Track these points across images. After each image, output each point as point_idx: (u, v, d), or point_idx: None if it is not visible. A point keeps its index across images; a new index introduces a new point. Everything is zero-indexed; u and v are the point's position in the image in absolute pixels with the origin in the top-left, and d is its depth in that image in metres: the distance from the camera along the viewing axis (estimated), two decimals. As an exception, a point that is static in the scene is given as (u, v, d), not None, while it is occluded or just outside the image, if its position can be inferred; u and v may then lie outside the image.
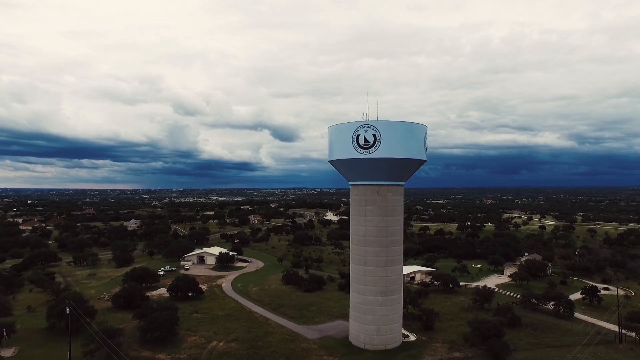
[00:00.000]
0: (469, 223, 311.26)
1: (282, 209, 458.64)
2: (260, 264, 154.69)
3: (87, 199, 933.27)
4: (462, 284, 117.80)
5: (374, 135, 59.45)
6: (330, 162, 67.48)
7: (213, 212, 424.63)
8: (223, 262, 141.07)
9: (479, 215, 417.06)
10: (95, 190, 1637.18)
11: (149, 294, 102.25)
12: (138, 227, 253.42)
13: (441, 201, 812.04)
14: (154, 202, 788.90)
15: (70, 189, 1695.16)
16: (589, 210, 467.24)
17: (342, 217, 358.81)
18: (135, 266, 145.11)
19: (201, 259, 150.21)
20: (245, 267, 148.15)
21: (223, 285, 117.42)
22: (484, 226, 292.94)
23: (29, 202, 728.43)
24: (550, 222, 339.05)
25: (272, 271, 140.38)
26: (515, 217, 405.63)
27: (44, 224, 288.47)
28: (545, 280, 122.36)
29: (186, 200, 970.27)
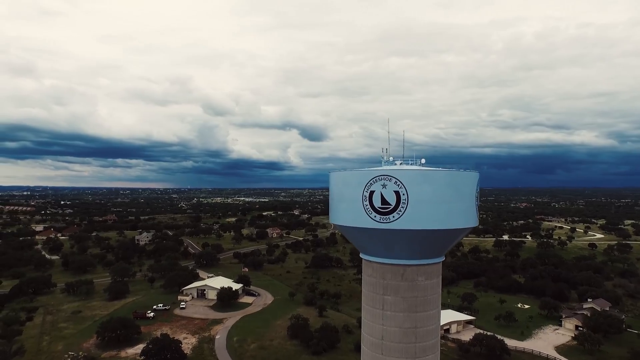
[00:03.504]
0: (506, 238, 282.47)
1: (305, 216, 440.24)
2: (269, 299, 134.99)
3: (119, 199, 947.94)
4: (511, 344, 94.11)
5: (397, 194, 37.86)
6: (334, 224, 46.28)
7: (235, 219, 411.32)
8: (225, 300, 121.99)
9: (515, 224, 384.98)
10: (128, 189, 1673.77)
11: (123, 354, 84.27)
12: (150, 241, 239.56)
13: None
14: (181, 204, 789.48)
15: (105, 188, 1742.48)
16: (637, 216, 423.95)
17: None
18: (127, 301, 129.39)
19: (202, 293, 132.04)
20: (252, 303, 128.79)
21: (217, 337, 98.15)
22: (524, 242, 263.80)
23: (62, 202, 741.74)
24: (599, 235, 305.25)
25: (281, 311, 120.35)
26: (556, 226, 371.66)
27: (59, 234, 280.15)
28: (623, 342, 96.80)
29: (213, 201, 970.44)
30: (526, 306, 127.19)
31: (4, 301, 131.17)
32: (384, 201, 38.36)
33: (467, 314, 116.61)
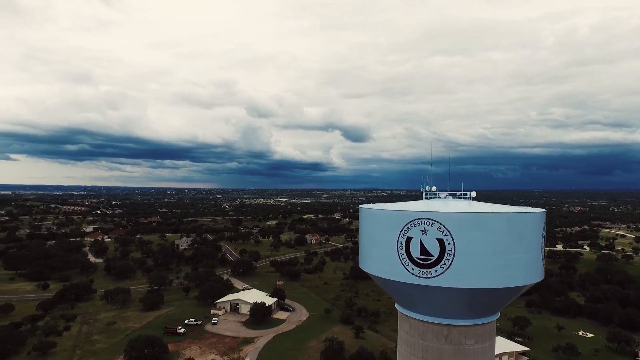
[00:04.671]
0: (560, 247, 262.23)
1: (347, 220, 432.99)
2: (304, 315, 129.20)
3: (166, 199, 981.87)
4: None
5: (441, 242, 30.32)
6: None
7: (275, 222, 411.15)
8: (257, 316, 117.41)
9: (569, 230, 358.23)
10: (175, 189, 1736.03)
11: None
12: (189, 246, 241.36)
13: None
14: (224, 205, 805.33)
15: (153, 188, 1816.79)
16: None
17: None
18: (161, 312, 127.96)
19: (235, 307, 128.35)
20: (286, 319, 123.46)
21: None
22: (581, 254, 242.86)
23: (113, 202, 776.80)
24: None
25: (316, 330, 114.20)
26: (617, 234, 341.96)
27: (106, 236, 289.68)
28: None
29: (256, 201, 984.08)
30: (589, 335, 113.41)
31: (48, 307, 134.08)
32: (424, 251, 30.84)
33: (520, 342, 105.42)
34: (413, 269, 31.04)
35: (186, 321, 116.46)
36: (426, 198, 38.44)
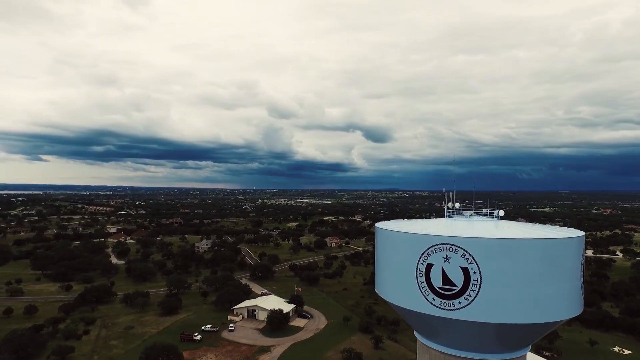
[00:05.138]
0: (590, 253, 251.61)
1: (368, 222, 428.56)
2: (322, 322, 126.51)
3: (188, 200, 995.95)
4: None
5: (465, 271, 27.17)
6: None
7: (295, 224, 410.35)
8: (275, 324, 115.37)
9: (599, 235, 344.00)
10: (197, 189, 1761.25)
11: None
12: (209, 248, 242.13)
13: (547, 209, 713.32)
14: (245, 206, 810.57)
15: (176, 188, 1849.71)
16: None
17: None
18: (178, 317, 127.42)
19: (252, 313, 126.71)
20: (303, 327, 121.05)
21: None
22: (614, 260, 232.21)
23: (137, 203, 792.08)
24: None
25: (333, 339, 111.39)
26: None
27: (128, 237, 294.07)
28: None
29: (277, 202, 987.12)
30: (626, 351, 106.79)
31: (70, 309, 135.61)
32: (446, 280, 27.73)
33: (548, 357, 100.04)
34: (434, 299, 27.99)
35: (203, 327, 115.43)
36: (449, 216, 35.25)
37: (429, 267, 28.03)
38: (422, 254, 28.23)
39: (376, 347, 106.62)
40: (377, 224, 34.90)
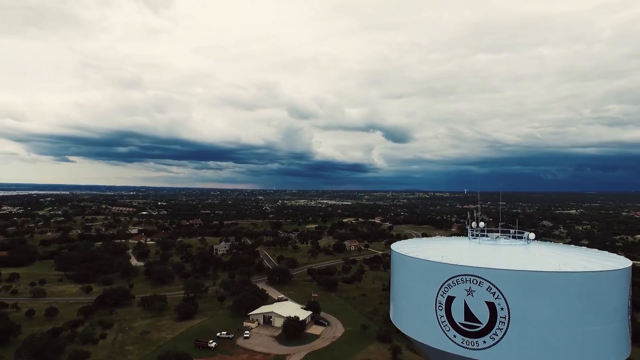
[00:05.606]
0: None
1: (387, 225, 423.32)
2: (339, 330, 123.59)
3: (209, 200, 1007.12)
4: None
5: (492, 306, 23.99)
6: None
7: (315, 226, 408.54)
8: (290, 331, 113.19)
9: (630, 239, 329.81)
10: (218, 190, 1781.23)
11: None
12: (227, 251, 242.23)
13: (573, 211, 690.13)
14: (265, 206, 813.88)
15: (198, 188, 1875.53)
16: None
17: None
18: (194, 323, 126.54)
19: (268, 320, 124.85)
20: (320, 335, 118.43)
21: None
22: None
23: (159, 203, 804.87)
24: None
25: (351, 348, 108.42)
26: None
27: (148, 239, 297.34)
28: None
29: (297, 203, 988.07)
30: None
31: (88, 312, 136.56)
32: (469, 316, 24.62)
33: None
34: (455, 336, 24.95)
35: (218, 334, 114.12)
36: (472, 237, 31.99)
37: (450, 299, 25.00)
38: (442, 285, 25.23)
39: (394, 357, 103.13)
40: (393, 246, 31.99)
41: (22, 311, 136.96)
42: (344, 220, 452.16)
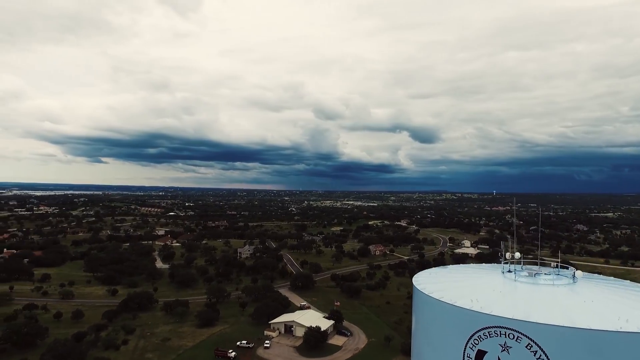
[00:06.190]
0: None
1: (414, 228, 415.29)
2: (362, 341, 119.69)
3: (236, 201, 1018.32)
4: None
5: (531, 367, 19.97)
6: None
7: (340, 229, 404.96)
8: (312, 342, 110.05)
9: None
10: (245, 190, 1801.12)
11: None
12: (251, 254, 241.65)
13: (610, 214, 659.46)
14: (291, 207, 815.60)
15: (225, 189, 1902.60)
16: None
17: (482, 247, 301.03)
18: (215, 330, 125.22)
19: (290, 329, 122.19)
20: (342, 346, 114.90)
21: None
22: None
23: (186, 204, 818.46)
24: None
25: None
26: None
27: (174, 241, 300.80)
28: None
29: (322, 204, 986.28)
30: None
31: (112, 316, 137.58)
32: (504, 376, 20.69)
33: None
34: (487, 397, 21.10)
35: (238, 343, 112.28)
36: (507, 272, 27.79)
37: (481, 354, 21.15)
38: (472, 337, 21.39)
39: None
40: (415, 280, 28.17)
41: (51, 313, 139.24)
42: (369, 223, 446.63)
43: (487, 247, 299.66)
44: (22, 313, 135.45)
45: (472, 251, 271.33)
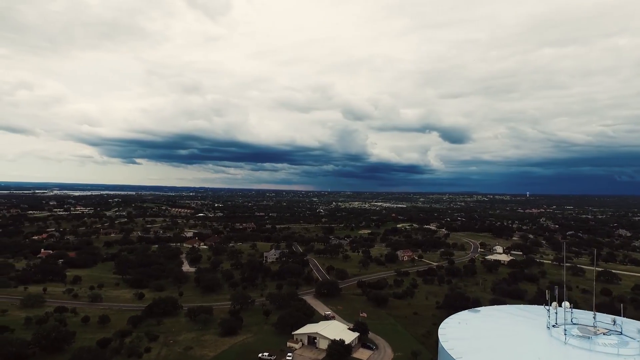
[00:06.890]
0: None
1: (443, 232, 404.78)
2: (388, 356, 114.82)
3: (264, 201, 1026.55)
4: None
5: None
6: None
7: (368, 232, 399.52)
8: (335, 357, 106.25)
9: None
10: (274, 191, 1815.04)
11: None
12: (276, 259, 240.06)
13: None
14: (319, 209, 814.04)
15: (254, 190, 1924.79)
16: None
17: (515, 253, 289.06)
18: (237, 340, 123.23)
19: (313, 340, 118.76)
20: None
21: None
22: None
23: (216, 204, 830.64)
24: None
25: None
26: None
27: (202, 243, 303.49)
28: None
29: (351, 205, 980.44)
30: None
31: (137, 321, 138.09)
32: None
33: None
34: None
35: (260, 354, 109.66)
36: (553, 327, 23.22)
37: None
38: None
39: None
40: (441, 333, 24.08)
41: (80, 316, 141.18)
42: (397, 226, 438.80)
43: (520, 252, 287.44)
44: (53, 316, 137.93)
45: (505, 258, 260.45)
